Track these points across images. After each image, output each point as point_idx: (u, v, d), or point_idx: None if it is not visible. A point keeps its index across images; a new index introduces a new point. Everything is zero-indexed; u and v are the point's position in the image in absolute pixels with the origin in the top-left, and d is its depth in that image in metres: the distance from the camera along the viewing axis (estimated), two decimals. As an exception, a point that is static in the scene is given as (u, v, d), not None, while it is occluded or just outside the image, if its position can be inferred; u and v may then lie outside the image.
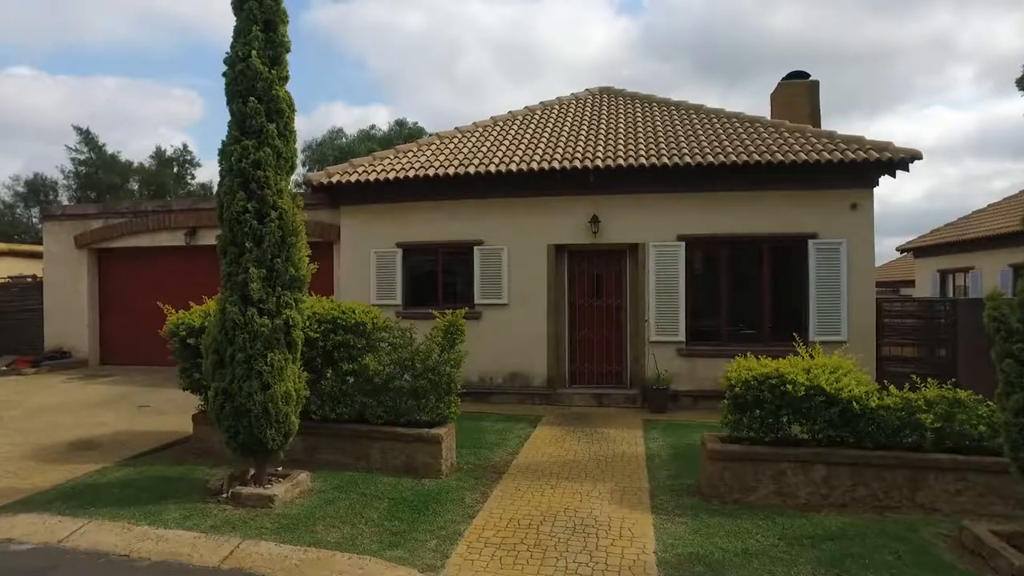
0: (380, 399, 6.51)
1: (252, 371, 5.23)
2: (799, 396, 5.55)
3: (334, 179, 11.27)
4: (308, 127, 72.29)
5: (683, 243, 10.38)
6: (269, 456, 5.55)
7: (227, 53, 5.41)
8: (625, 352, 10.87)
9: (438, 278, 11.37)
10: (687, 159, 10.07)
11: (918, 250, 22.04)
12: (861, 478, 5.50)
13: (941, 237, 20.65)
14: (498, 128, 12.86)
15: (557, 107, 13.84)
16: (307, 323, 6.42)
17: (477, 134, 12.65)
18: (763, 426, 5.79)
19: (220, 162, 5.41)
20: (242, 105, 5.33)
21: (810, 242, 10.06)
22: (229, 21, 5.47)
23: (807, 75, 13.65)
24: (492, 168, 10.60)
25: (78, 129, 38.71)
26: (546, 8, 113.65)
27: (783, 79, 13.80)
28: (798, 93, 13.39)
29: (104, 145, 39.27)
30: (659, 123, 12.05)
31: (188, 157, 43.22)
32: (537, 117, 13.30)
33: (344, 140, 42.07)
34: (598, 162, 10.30)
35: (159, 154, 42.06)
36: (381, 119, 56.62)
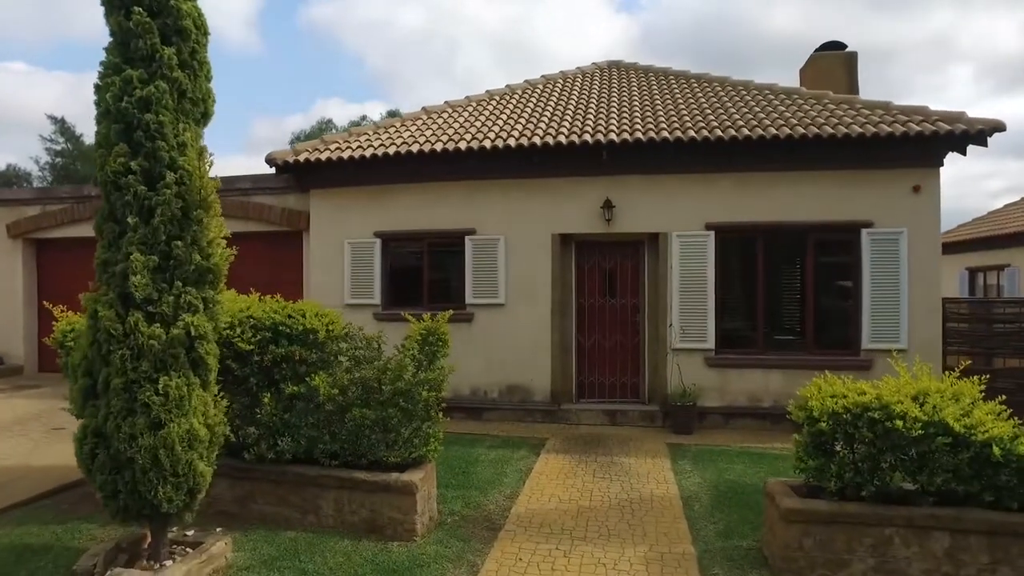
0: (335, 432, 4.89)
1: (136, 403, 3.60)
2: (913, 436, 3.95)
3: (301, 157, 9.62)
4: (304, 124, 70.85)
5: (712, 232, 8.77)
6: (168, 520, 3.92)
7: (104, -56, 3.78)
8: (643, 361, 9.27)
9: (423, 273, 9.74)
10: (718, 132, 8.47)
11: (943, 246, 20.48)
12: (1004, 553, 3.90)
13: (971, 232, 19.17)
14: (495, 102, 11.24)
15: (561, 81, 12.22)
16: (239, 331, 4.83)
17: (471, 108, 11.02)
18: (857, 474, 4.19)
19: (96, 103, 3.77)
20: (124, 19, 3.69)
21: (864, 232, 8.46)
22: (227, 17, 3.90)
23: (843, 45, 12.08)
24: (487, 143, 8.97)
25: (52, 119, 36.81)
26: (545, 6, 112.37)
27: (816, 51, 12.21)
28: (834, 66, 11.79)
29: (81, 136, 37.39)
30: (679, 96, 10.45)
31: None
32: (539, 91, 11.68)
33: (334, 132, 40.33)
34: (612, 136, 8.69)
35: (140, 145, 40.18)
36: (377, 115, 55.22)
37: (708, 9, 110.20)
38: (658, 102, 10.19)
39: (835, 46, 12.08)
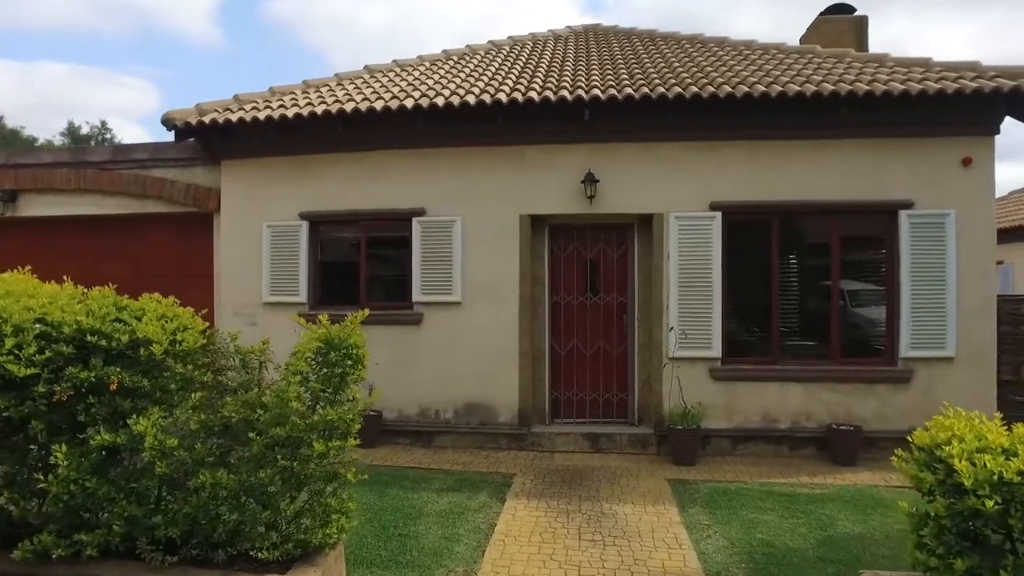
0: (174, 510, 3.01)
1: None
2: None
3: (207, 118, 7.62)
4: (265, 117, 68.62)
5: (718, 214, 7.11)
6: None
7: None
8: (631, 372, 7.55)
9: (361, 264, 7.85)
10: (726, 88, 6.80)
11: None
12: None
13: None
14: (452, 62, 9.41)
15: (531, 43, 10.43)
16: (13, 345, 2.92)
17: (423, 67, 9.18)
18: (1037, 584, 2.50)
19: None
20: None
21: (902, 213, 6.91)
22: (186, 11, 2.04)
23: (852, 8, 10.59)
24: (440, 100, 7.15)
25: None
26: (510, 4, 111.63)
27: (821, 14, 10.69)
28: (842, 31, 10.28)
29: (1, 117, 34.30)
30: (673, 57, 8.75)
31: (107, 135, 38.49)
32: (505, 52, 9.89)
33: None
34: (596, 91, 6.95)
35: (72, 131, 37.21)
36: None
37: (674, 10, 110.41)
38: (647, 62, 8.50)
39: (843, 9, 10.59)
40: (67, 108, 58.42)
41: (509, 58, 9.32)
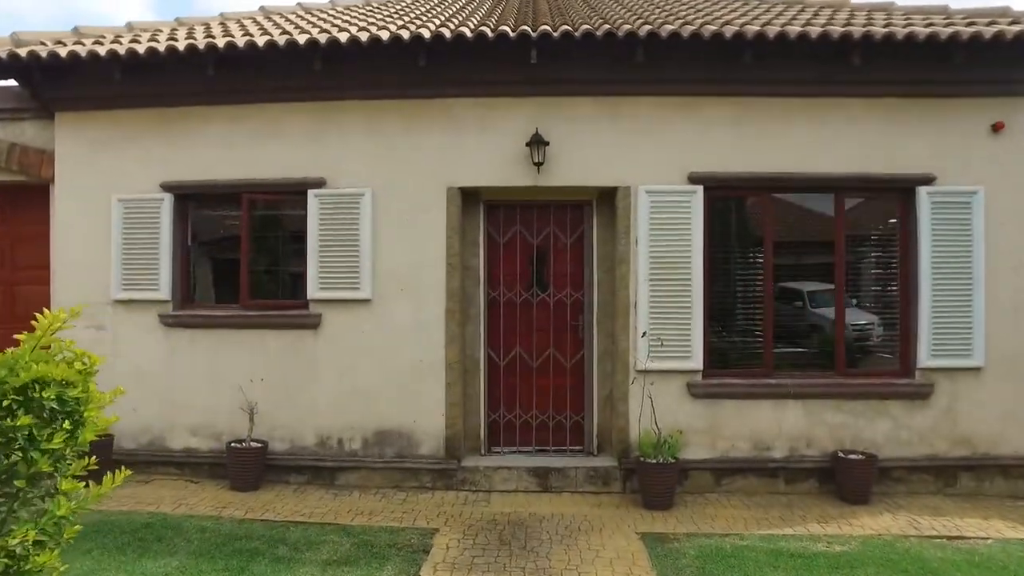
0: None
1: None
2: None
3: (25, 51, 5.64)
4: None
5: (699, 188, 5.63)
6: None
7: None
8: (589, 388, 6.01)
9: (242, 252, 6.03)
10: (710, 28, 5.33)
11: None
12: None
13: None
14: (371, 7, 7.67)
15: (469, -6, 8.78)
16: None
17: (334, 11, 7.43)
18: None
19: None
20: None
21: (920, 190, 5.60)
22: None
23: (833, -32, 9.35)
24: (344, 36, 5.43)
25: None
26: None
27: (798, -26, 9.42)
28: (822, -8, 9.04)
29: None
30: (638, 7, 7.25)
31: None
32: (437, -1, 8.21)
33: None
34: (545, 27, 5.37)
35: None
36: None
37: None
38: (609, 11, 6.97)
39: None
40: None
41: (443, 3, 7.65)
